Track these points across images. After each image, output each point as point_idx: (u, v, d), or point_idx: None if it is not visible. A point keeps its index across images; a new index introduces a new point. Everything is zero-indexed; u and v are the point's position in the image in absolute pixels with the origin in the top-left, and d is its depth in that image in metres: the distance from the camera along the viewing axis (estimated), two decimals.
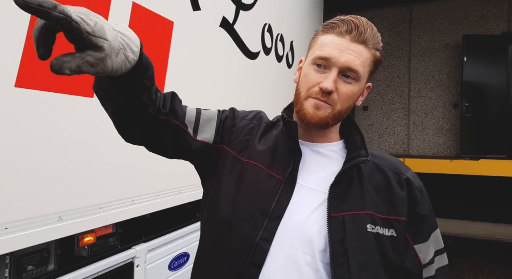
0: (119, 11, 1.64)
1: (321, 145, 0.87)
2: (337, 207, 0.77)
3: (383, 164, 0.84)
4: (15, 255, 1.32)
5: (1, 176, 1.20)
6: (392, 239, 0.77)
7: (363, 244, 0.75)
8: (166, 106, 0.85)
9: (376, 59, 0.80)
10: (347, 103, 0.79)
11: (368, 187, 0.81)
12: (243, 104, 2.94)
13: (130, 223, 1.83)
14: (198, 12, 2.29)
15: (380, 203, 0.79)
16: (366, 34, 0.77)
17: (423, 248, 0.81)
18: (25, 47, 1.26)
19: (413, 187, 0.82)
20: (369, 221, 0.77)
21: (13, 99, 1.24)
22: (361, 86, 0.80)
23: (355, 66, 0.76)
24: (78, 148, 1.49)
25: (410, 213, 0.80)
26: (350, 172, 0.81)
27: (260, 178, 0.82)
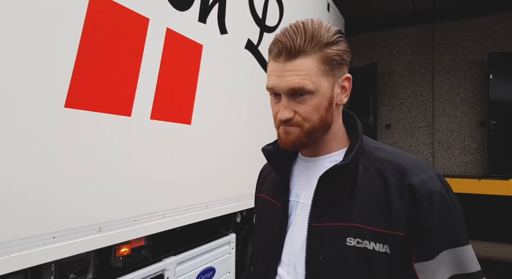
0: (155, 35, 1.78)
1: (322, 157, 0.83)
2: (320, 217, 0.76)
3: (388, 170, 0.75)
4: (59, 263, 1.42)
5: (51, 188, 1.31)
6: (385, 256, 0.69)
7: (341, 258, 0.72)
8: None
9: (327, 56, 0.74)
10: (314, 117, 0.75)
11: (363, 197, 0.74)
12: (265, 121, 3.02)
13: (160, 236, 1.91)
14: (225, 35, 2.42)
15: (376, 215, 0.72)
16: (296, 46, 0.72)
17: (425, 267, 0.68)
18: (75, 70, 1.39)
19: (417, 195, 0.70)
20: (352, 234, 0.72)
21: (62, 119, 1.36)
22: (323, 94, 0.75)
23: (298, 84, 0.72)
24: (117, 165, 1.59)
25: (411, 226, 0.69)
26: (340, 181, 0.77)
27: (268, 209, 0.88)
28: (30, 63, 1.24)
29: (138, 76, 1.70)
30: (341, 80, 0.78)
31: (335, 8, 4.94)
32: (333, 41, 0.75)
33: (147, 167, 1.76)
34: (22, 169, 1.22)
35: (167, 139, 1.90)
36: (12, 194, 1.19)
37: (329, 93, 0.76)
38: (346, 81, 0.79)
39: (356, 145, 0.78)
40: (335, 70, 0.76)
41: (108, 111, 1.54)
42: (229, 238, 2.57)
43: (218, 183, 2.36)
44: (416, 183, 0.71)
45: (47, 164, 1.30)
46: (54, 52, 1.32)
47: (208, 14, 2.21)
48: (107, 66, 1.53)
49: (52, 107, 1.32)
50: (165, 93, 1.86)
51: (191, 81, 2.10)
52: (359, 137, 0.80)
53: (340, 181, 0.77)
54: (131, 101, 1.66)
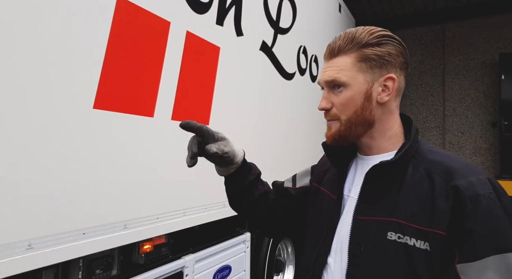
0: (176, 38, 1.83)
1: (373, 156, 0.88)
2: (365, 211, 0.81)
3: (436, 171, 0.77)
4: (87, 259, 1.47)
5: (81, 187, 1.36)
6: (425, 253, 0.71)
7: (381, 250, 0.76)
8: (276, 188, 1.13)
9: (365, 55, 0.81)
10: (349, 109, 0.82)
11: (409, 195, 0.77)
12: (281, 122, 3.06)
13: (179, 234, 1.96)
14: (241, 38, 2.46)
15: (420, 213, 0.74)
16: (336, 47, 0.84)
17: (468, 269, 0.68)
18: (102, 72, 1.44)
19: (462, 197, 0.71)
20: (393, 229, 0.75)
21: (91, 119, 1.41)
22: (357, 88, 0.81)
23: (331, 77, 0.83)
24: (140, 165, 1.64)
25: (453, 227, 0.70)
26: (388, 179, 0.81)
27: (326, 201, 0.95)
28: (62, 66, 1.30)
29: (160, 78, 1.74)
30: (382, 79, 0.82)
31: (346, 9, 4.96)
32: (373, 42, 0.81)
33: (168, 167, 1.81)
34: (55, 169, 1.27)
35: (187, 140, 1.94)
36: (47, 193, 1.24)
37: (365, 88, 0.82)
38: (389, 81, 0.83)
39: (405, 146, 0.82)
40: (375, 69, 0.82)
41: (133, 112, 1.59)
42: (244, 237, 2.61)
43: None
44: (461, 185, 0.72)
45: (79, 165, 1.35)
46: (85, 56, 1.37)
47: (225, 17, 2.25)
48: (132, 68, 1.58)
49: (82, 109, 1.37)
50: (185, 94, 1.91)
51: (209, 82, 2.15)
52: (410, 139, 0.84)
53: (388, 179, 0.81)
54: (153, 102, 1.71)
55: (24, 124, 1.18)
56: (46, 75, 1.24)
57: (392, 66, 0.83)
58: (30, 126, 1.19)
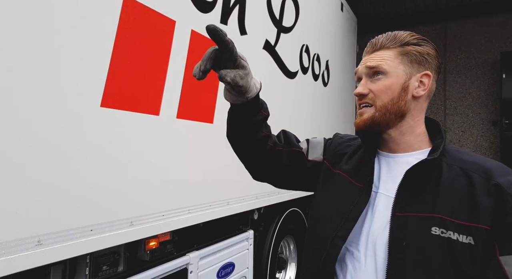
0: (181, 37, 1.84)
1: (402, 154, 0.91)
2: (404, 208, 0.82)
3: (474, 170, 0.81)
4: (94, 255, 1.49)
5: (89, 184, 1.38)
6: (469, 247, 0.75)
7: (425, 245, 0.78)
8: (281, 139, 1.10)
9: (405, 50, 0.88)
10: (386, 96, 0.87)
11: (448, 192, 0.80)
12: (283, 120, 3.07)
13: (184, 232, 1.98)
14: (245, 36, 2.47)
15: (460, 209, 0.78)
16: (380, 42, 0.91)
17: (511, 261, 0.72)
18: (110, 70, 1.45)
19: (504, 194, 0.75)
20: (437, 224, 0.78)
21: (98, 118, 1.43)
22: (396, 78, 0.87)
23: (374, 63, 0.88)
24: (146, 162, 1.66)
25: (496, 221, 0.74)
26: (424, 176, 0.83)
27: (345, 186, 0.95)
28: (70, 64, 1.31)
29: (166, 77, 1.76)
30: (420, 75, 0.88)
31: (348, 8, 4.97)
32: (413, 42, 0.89)
33: (173, 165, 1.83)
34: (63, 167, 1.28)
35: (191, 138, 1.96)
36: (56, 190, 1.26)
37: (403, 79, 0.87)
38: (426, 78, 0.88)
39: (442, 143, 0.86)
40: (414, 63, 0.88)
41: (139, 110, 1.60)
42: (247, 235, 2.62)
43: (238, 181, 2.41)
44: (503, 183, 0.77)
45: (86, 162, 1.37)
46: (92, 54, 1.39)
47: (229, 15, 2.26)
48: (138, 67, 1.60)
49: (90, 107, 1.39)
50: (190, 92, 1.92)
51: (214, 81, 2.16)
52: (444, 138, 0.88)
53: (425, 176, 0.83)
54: (159, 101, 1.72)
55: (31, 122, 1.19)
56: (54, 74, 1.26)
57: (429, 65, 0.89)
58: (37, 124, 1.21)
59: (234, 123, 1.03)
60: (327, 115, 4.08)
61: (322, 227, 0.94)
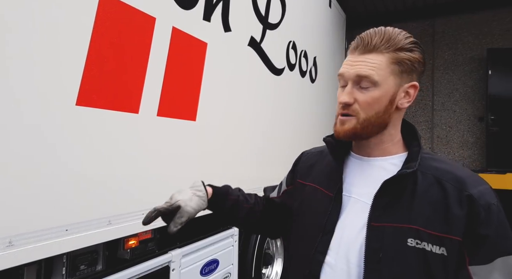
0: (161, 34, 1.82)
1: (377, 158, 0.89)
2: (380, 217, 0.81)
3: (447, 179, 0.80)
4: (71, 255, 1.48)
5: (62, 184, 1.36)
6: (442, 258, 0.75)
7: (401, 256, 0.77)
8: (263, 200, 1.15)
9: (398, 59, 0.81)
10: (371, 109, 0.82)
11: (422, 201, 0.79)
12: (269, 117, 3.07)
13: (165, 230, 1.97)
14: (229, 33, 2.46)
15: (434, 219, 0.77)
16: (372, 43, 0.82)
17: (480, 271, 0.74)
18: (85, 68, 1.43)
19: (476, 205, 0.75)
20: (413, 235, 0.77)
21: (74, 116, 1.41)
22: (386, 90, 0.81)
23: (365, 73, 0.80)
24: (124, 161, 1.65)
25: (468, 232, 0.75)
26: (401, 185, 0.81)
27: (319, 197, 0.94)
28: (43, 62, 1.29)
29: (146, 74, 1.74)
30: (407, 86, 0.84)
31: (337, 4, 4.96)
32: (407, 47, 0.82)
33: (153, 163, 1.82)
34: (35, 166, 1.27)
35: (172, 136, 1.95)
36: (27, 190, 1.24)
37: (392, 91, 0.83)
38: (412, 89, 0.85)
39: (419, 153, 0.84)
40: (404, 74, 0.83)
41: (117, 109, 1.59)
42: (232, 232, 2.63)
43: (222, 177, 2.41)
44: (475, 194, 0.77)
45: (61, 161, 1.35)
46: (66, 51, 1.37)
47: (213, 12, 2.25)
48: (116, 64, 1.58)
49: (64, 105, 1.37)
50: (171, 90, 1.91)
51: (196, 78, 2.15)
52: (420, 146, 0.86)
53: (401, 185, 0.82)
54: (138, 99, 1.71)
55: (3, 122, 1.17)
56: (26, 71, 1.24)
57: (417, 74, 0.85)
58: (8, 123, 1.19)
59: (217, 217, 1.10)
60: (314, 112, 4.09)
61: (301, 241, 0.94)
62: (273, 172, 3.18)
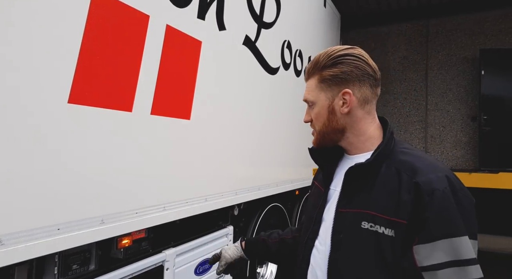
0: (155, 32, 1.81)
1: (355, 156, 1.03)
2: (346, 205, 0.96)
3: (403, 169, 0.90)
4: (63, 254, 1.46)
5: (55, 182, 1.35)
6: (391, 239, 0.86)
7: (357, 237, 0.91)
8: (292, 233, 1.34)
9: (322, 77, 0.99)
10: (319, 122, 1.02)
11: (381, 190, 0.91)
12: (264, 116, 3.07)
13: (160, 229, 1.96)
14: (224, 32, 2.45)
15: (388, 205, 0.88)
16: (306, 71, 1.04)
17: (422, 250, 0.82)
18: (78, 66, 1.42)
19: (421, 190, 0.84)
20: (368, 219, 0.90)
21: (66, 114, 1.39)
22: (321, 105, 1.00)
23: (305, 97, 1.05)
24: (118, 159, 1.63)
25: (413, 217, 0.84)
26: (365, 176, 0.94)
27: (316, 193, 1.13)
28: (34, 58, 1.27)
29: (139, 72, 1.73)
30: (341, 94, 0.97)
31: (331, 3, 4.97)
32: (328, 64, 0.98)
33: (147, 162, 1.80)
34: (26, 164, 1.25)
35: (166, 134, 1.94)
36: (19, 188, 1.22)
37: (327, 104, 0.99)
38: (346, 95, 0.97)
39: (379, 149, 0.95)
40: (332, 86, 0.98)
41: (110, 107, 1.57)
42: (226, 231, 2.62)
43: (216, 177, 2.41)
44: (422, 181, 0.86)
45: (51, 159, 1.34)
46: (58, 48, 1.35)
47: (207, 10, 2.24)
48: (109, 62, 1.56)
49: (56, 103, 1.35)
50: (165, 89, 1.90)
51: (191, 77, 2.14)
52: (384, 142, 0.96)
53: (365, 176, 0.95)
54: (132, 97, 1.69)
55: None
56: (17, 68, 1.22)
57: (347, 81, 0.97)
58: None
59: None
60: None
61: (302, 232, 1.13)
62: (268, 171, 3.19)
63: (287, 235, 1.32)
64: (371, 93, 1.00)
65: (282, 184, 3.41)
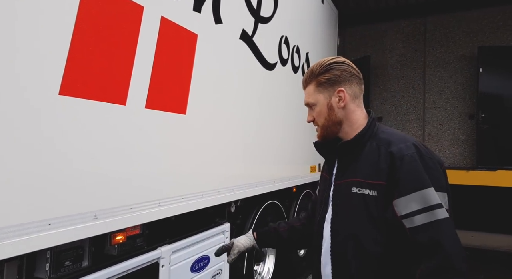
0: (149, 24, 1.77)
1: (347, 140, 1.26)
2: (341, 177, 1.22)
3: (382, 144, 1.15)
4: (55, 250, 1.42)
5: (45, 176, 1.31)
6: (374, 198, 1.11)
7: (350, 201, 1.15)
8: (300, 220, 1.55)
9: (319, 81, 1.23)
10: (321, 118, 1.25)
11: (365, 162, 1.16)
12: (261, 112, 3.03)
13: (155, 225, 1.92)
14: (220, 25, 2.41)
15: (370, 173, 1.13)
16: (304, 80, 1.28)
17: (399, 203, 1.06)
18: (69, 57, 1.37)
19: (394, 157, 1.09)
20: (356, 185, 1.15)
21: (56, 106, 1.35)
22: (321, 104, 1.24)
23: (306, 101, 1.29)
24: (111, 154, 1.59)
25: (389, 178, 1.09)
26: (354, 153, 1.20)
27: (324, 181, 1.34)
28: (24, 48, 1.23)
29: (133, 65, 1.68)
30: (336, 92, 1.22)
31: (329, 0, 4.94)
32: (322, 71, 1.23)
33: (141, 156, 1.76)
34: (14, 157, 1.21)
35: (162, 129, 1.90)
36: (7, 182, 1.18)
37: (326, 102, 1.24)
38: (341, 93, 1.22)
39: (361, 131, 1.20)
40: (328, 88, 1.23)
41: (103, 99, 1.53)
42: (223, 228, 2.59)
43: (213, 173, 2.37)
44: (394, 150, 1.11)
45: (41, 152, 1.30)
46: (48, 37, 1.31)
47: (203, 3, 2.19)
48: (101, 53, 1.52)
49: (46, 94, 1.31)
50: (160, 82, 1.86)
51: (186, 70, 2.10)
52: (366, 125, 1.21)
53: (353, 153, 1.20)
54: (126, 90, 1.65)
55: None
56: (6, 58, 1.18)
57: (339, 82, 1.22)
58: None
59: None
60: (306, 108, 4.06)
61: (316, 214, 1.33)
62: (265, 168, 3.15)
63: (295, 222, 1.52)
64: (358, 89, 1.25)
65: (279, 181, 3.38)
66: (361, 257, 1.11)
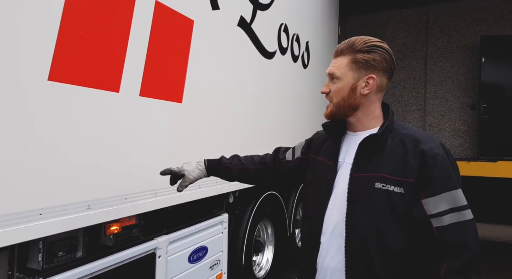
0: (143, 8, 1.71)
1: (361, 132, 1.20)
2: (358, 170, 1.14)
3: (408, 140, 1.11)
4: (47, 241, 1.39)
5: (36, 165, 1.27)
6: (400, 195, 1.07)
7: (371, 195, 1.10)
8: (271, 159, 1.51)
9: (355, 59, 1.13)
10: (339, 95, 1.16)
11: (388, 157, 1.11)
12: (259, 102, 2.98)
13: (152, 216, 1.89)
14: (217, 11, 2.35)
15: (396, 169, 1.09)
16: (340, 49, 1.17)
17: (429, 202, 1.05)
18: (58, 43, 1.32)
19: (426, 156, 1.06)
20: (379, 180, 1.10)
21: (46, 92, 1.30)
22: (346, 82, 1.15)
23: (331, 71, 1.18)
24: (105, 142, 1.55)
25: (420, 176, 1.06)
26: (374, 147, 1.13)
27: (324, 167, 1.25)
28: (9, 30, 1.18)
29: (126, 51, 1.64)
30: (366, 78, 1.14)
31: None
32: (363, 50, 1.13)
33: (136, 145, 1.72)
34: (3, 145, 1.17)
35: (156, 118, 1.86)
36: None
37: (352, 82, 1.15)
38: (371, 80, 1.14)
39: (385, 124, 1.15)
40: (361, 69, 1.14)
41: (95, 86, 1.49)
42: (221, 218, 2.56)
43: None
44: (425, 149, 1.08)
45: (30, 141, 1.25)
46: (37, 20, 1.25)
47: None
48: (93, 38, 1.47)
49: (35, 80, 1.26)
50: (155, 69, 1.81)
51: (182, 58, 2.04)
52: (389, 119, 1.16)
53: (374, 147, 1.14)
54: (119, 76, 1.61)
55: None
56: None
57: (375, 69, 1.14)
58: None
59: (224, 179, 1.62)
60: (306, 98, 4.00)
61: (311, 200, 1.27)
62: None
63: (250, 165, 1.50)
64: (386, 83, 1.18)
65: None
66: (383, 254, 1.08)
